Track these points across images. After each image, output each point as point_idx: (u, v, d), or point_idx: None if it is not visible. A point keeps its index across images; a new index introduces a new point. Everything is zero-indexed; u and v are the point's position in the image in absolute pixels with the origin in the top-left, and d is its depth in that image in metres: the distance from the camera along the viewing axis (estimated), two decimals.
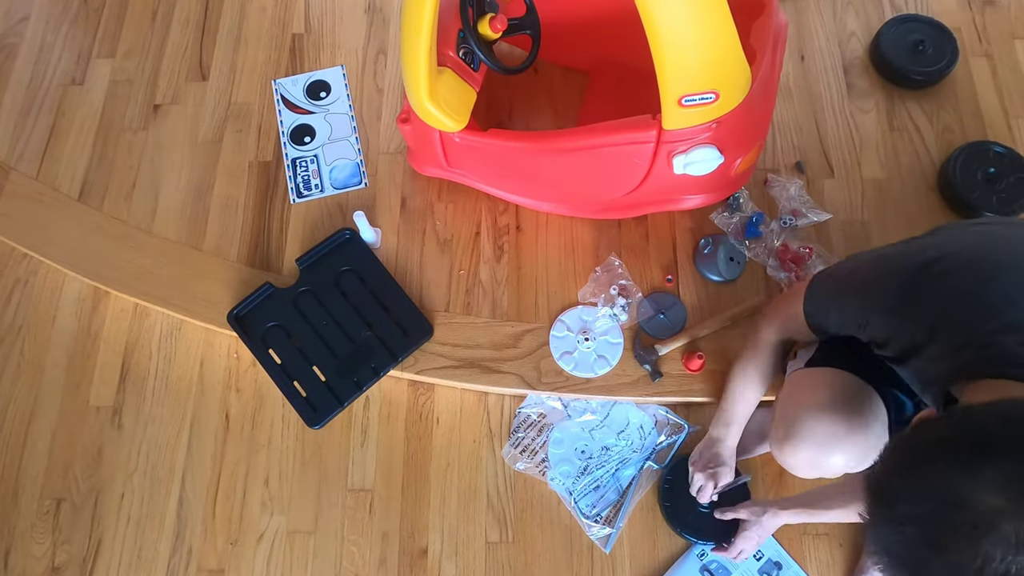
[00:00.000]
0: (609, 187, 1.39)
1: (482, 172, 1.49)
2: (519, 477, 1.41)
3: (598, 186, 1.40)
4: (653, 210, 1.46)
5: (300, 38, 1.80)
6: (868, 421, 1.09)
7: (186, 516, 1.41)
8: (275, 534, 1.39)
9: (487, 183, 1.52)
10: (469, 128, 1.38)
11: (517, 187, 1.50)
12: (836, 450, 1.08)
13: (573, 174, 1.40)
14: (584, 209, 1.51)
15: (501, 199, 1.56)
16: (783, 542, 1.35)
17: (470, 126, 1.38)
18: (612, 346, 1.44)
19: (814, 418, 1.09)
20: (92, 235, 1.59)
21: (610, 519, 1.38)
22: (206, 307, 1.49)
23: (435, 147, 1.44)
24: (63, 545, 1.39)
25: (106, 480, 1.43)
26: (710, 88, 1.14)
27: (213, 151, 1.68)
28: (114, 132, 1.71)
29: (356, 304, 1.47)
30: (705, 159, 1.24)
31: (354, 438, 1.45)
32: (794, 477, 1.36)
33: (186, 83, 1.76)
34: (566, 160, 1.36)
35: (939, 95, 1.68)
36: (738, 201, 1.53)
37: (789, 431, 1.11)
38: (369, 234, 1.52)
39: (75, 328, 1.55)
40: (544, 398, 1.45)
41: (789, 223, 1.52)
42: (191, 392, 1.49)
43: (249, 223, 1.60)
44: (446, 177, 1.56)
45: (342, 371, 1.42)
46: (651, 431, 1.44)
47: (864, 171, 1.61)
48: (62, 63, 1.80)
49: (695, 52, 1.09)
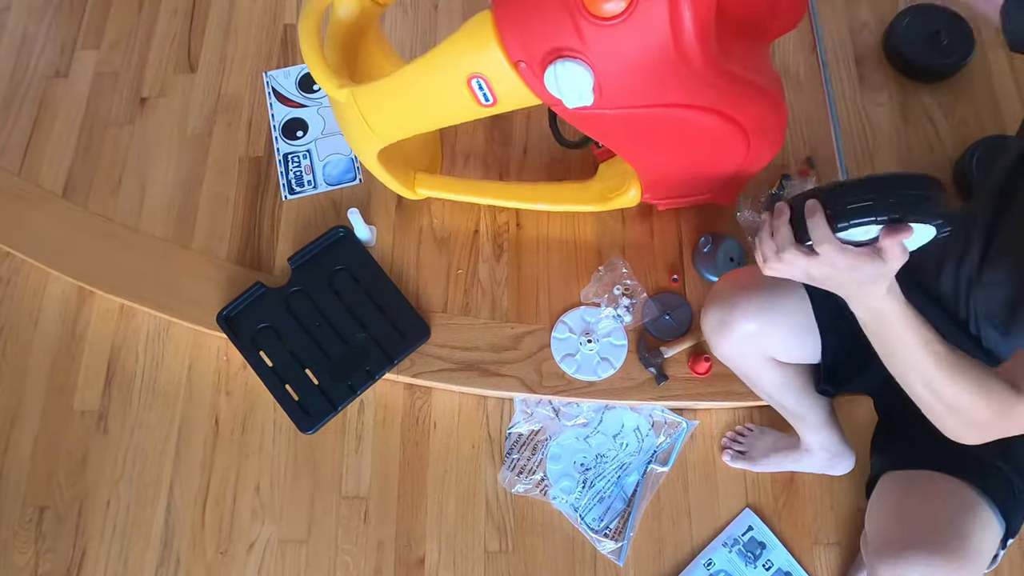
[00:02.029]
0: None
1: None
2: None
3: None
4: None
5: (292, 28, 1.79)
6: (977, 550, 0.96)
7: (174, 524, 1.40)
8: (266, 543, 1.38)
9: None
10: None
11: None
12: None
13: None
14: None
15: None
16: (794, 551, 1.34)
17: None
18: (616, 348, 1.43)
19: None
20: (76, 233, 1.58)
21: (619, 530, 1.37)
22: (195, 308, 1.48)
23: None
24: (47, 554, 1.38)
25: (91, 487, 1.43)
26: None
27: (202, 146, 1.67)
28: (99, 126, 1.70)
29: (350, 304, 1.47)
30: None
31: (348, 443, 1.44)
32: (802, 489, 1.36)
33: (174, 75, 1.75)
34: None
35: (955, 88, 1.67)
36: (773, 201, 1.52)
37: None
38: (364, 232, 1.51)
39: (59, 330, 1.54)
40: (531, 408, 1.44)
41: None
42: (179, 396, 1.48)
43: (239, 220, 1.59)
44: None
45: (336, 374, 1.41)
46: (648, 432, 1.43)
47: (877, 165, 1.60)
48: (45, 54, 1.79)
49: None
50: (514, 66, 1.09)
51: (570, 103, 1.10)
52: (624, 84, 1.09)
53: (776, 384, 1.17)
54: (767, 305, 1.07)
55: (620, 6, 1.00)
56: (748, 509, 1.38)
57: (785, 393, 1.19)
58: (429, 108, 1.25)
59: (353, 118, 1.27)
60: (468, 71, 1.13)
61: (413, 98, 1.22)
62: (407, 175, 1.48)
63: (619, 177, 1.42)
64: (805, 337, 1.09)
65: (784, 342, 1.10)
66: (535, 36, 1.05)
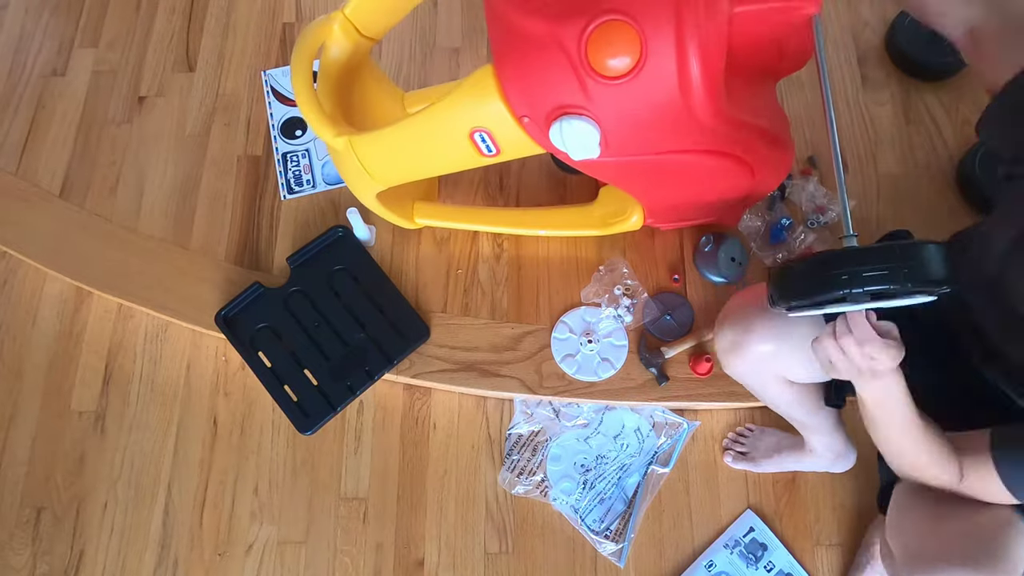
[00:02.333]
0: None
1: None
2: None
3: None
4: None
5: (291, 27, 1.79)
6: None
7: (172, 526, 1.40)
8: (265, 544, 1.38)
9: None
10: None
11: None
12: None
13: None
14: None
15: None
16: (796, 552, 1.34)
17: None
18: (616, 349, 1.43)
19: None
20: (74, 233, 1.58)
21: (620, 532, 1.37)
22: (193, 308, 1.48)
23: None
24: (44, 556, 1.38)
25: (89, 488, 1.42)
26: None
27: (200, 145, 1.67)
28: (97, 125, 1.70)
29: (349, 305, 1.47)
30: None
31: (347, 445, 1.44)
32: (803, 490, 1.36)
33: (172, 74, 1.75)
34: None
35: (958, 87, 1.67)
36: (775, 203, 1.52)
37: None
38: (363, 232, 1.51)
39: (56, 329, 1.54)
40: (531, 409, 1.44)
41: (818, 222, 1.51)
42: (177, 396, 1.48)
43: (238, 220, 1.59)
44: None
45: (335, 375, 1.41)
46: (649, 433, 1.43)
47: (879, 166, 1.60)
48: (43, 53, 1.79)
49: None
50: (518, 120, 1.08)
51: (576, 156, 1.08)
52: (631, 137, 1.08)
53: (786, 400, 1.17)
54: (783, 327, 1.05)
55: (627, 64, 0.97)
56: (749, 510, 1.38)
57: (795, 407, 1.19)
58: (429, 158, 1.24)
59: (351, 164, 1.26)
60: (470, 125, 1.11)
61: (413, 150, 1.21)
62: (405, 206, 1.48)
63: (620, 203, 1.41)
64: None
65: (798, 363, 1.08)
66: (539, 93, 1.03)
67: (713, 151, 1.13)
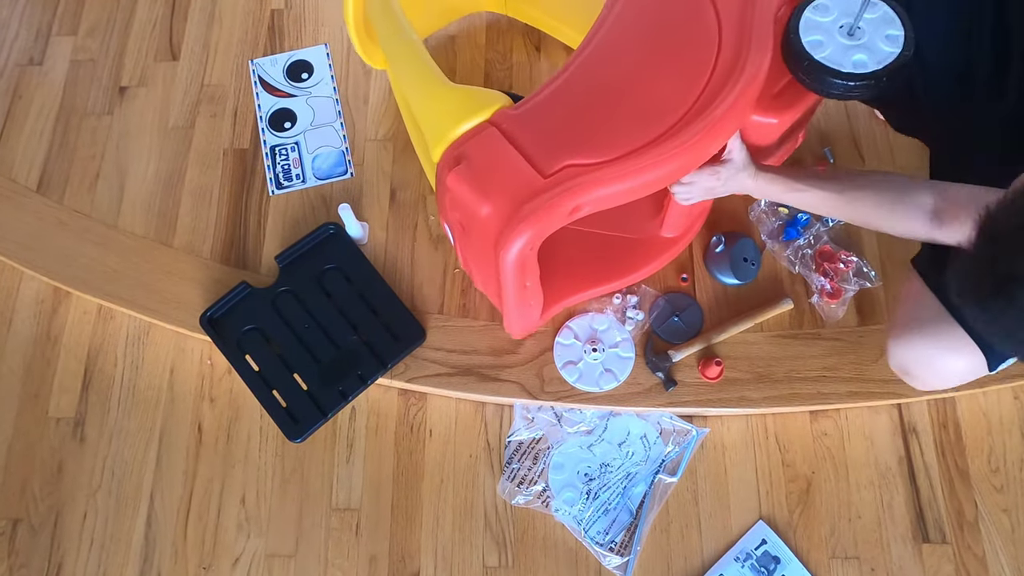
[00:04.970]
0: None
1: None
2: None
3: None
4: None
5: (280, 14, 1.79)
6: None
7: (155, 538, 1.39)
8: (252, 557, 1.37)
9: None
10: None
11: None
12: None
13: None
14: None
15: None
16: (810, 566, 1.33)
17: None
18: (622, 360, 1.42)
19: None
20: (52, 230, 1.57)
21: (625, 544, 1.36)
22: (177, 309, 1.48)
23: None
24: (20, 569, 1.37)
25: (67, 498, 1.42)
26: None
27: (184, 138, 1.66)
28: (76, 117, 1.70)
29: (341, 306, 1.46)
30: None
31: (339, 452, 1.43)
32: (818, 501, 1.35)
33: (155, 63, 1.74)
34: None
35: None
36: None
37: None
38: (355, 229, 1.51)
39: (33, 332, 1.53)
40: (531, 413, 1.43)
41: (835, 220, 1.50)
42: (160, 402, 1.47)
43: (224, 217, 1.59)
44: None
45: (326, 379, 1.41)
46: (656, 440, 1.42)
47: (897, 159, 1.60)
48: (19, 41, 1.78)
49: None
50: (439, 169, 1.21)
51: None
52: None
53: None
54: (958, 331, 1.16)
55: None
56: (761, 522, 1.37)
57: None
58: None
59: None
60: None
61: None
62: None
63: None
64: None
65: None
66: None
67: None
